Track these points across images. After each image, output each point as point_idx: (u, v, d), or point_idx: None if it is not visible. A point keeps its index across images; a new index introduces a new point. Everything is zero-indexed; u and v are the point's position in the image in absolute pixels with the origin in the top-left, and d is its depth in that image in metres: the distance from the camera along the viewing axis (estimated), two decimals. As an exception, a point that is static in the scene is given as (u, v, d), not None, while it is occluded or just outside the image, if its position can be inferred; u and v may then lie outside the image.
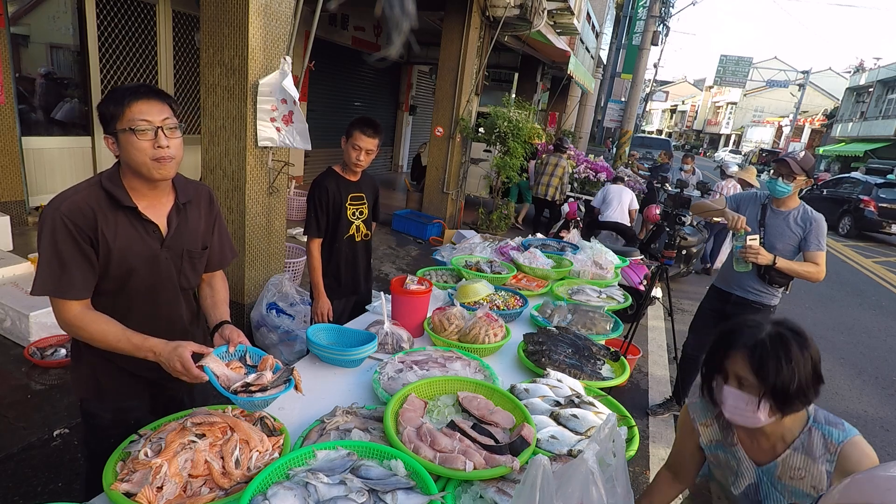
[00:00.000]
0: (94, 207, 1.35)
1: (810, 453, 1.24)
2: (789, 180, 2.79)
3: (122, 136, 1.34)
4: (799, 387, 1.16)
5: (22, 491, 2.22)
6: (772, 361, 1.16)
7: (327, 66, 8.62)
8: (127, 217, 1.40)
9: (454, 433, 1.41)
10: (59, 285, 1.32)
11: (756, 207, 3.02)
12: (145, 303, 1.48)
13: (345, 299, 2.82)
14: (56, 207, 1.32)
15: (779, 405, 1.19)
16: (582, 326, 2.40)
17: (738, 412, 1.24)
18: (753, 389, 1.20)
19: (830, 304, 7.20)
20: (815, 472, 1.23)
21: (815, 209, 2.93)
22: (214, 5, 3.30)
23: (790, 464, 1.27)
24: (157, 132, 1.35)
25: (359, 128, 2.47)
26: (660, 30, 16.93)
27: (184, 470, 1.18)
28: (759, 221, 2.97)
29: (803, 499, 1.27)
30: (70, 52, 5.32)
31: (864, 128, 25.56)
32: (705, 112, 56.10)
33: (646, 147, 18.71)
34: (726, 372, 1.25)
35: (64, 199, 1.34)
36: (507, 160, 7.13)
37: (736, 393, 1.22)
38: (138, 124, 1.33)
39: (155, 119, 1.35)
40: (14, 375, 2.94)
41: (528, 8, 6.56)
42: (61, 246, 1.31)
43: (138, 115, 1.33)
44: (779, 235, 2.90)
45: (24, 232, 4.78)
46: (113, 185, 1.39)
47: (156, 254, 1.45)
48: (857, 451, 1.21)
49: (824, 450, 1.22)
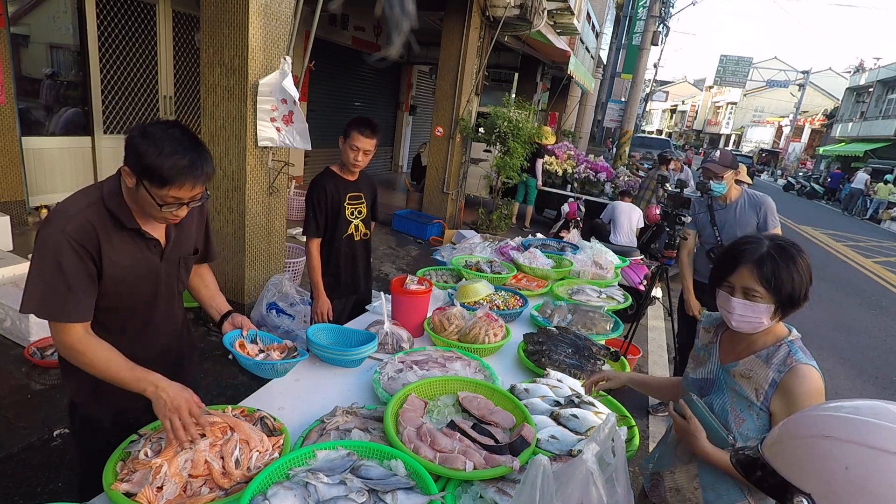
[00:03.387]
0: (98, 227, 1.30)
1: (769, 361, 1.33)
2: (719, 180, 3.07)
3: (145, 194, 1.27)
4: (802, 291, 1.28)
5: (22, 491, 2.22)
6: (783, 272, 1.27)
7: (327, 66, 8.62)
8: (130, 236, 1.37)
9: (454, 433, 1.41)
10: (64, 308, 1.27)
11: (704, 209, 3.25)
12: (143, 313, 1.49)
13: (344, 299, 2.82)
14: (61, 228, 1.25)
15: (784, 310, 1.31)
16: (582, 326, 2.40)
17: (744, 320, 1.34)
18: (765, 298, 1.29)
19: (830, 304, 7.20)
20: (763, 375, 1.32)
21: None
22: (214, 5, 3.30)
23: (748, 365, 1.36)
24: (179, 206, 1.31)
25: (356, 128, 2.47)
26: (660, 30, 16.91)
27: (184, 470, 1.18)
28: (711, 222, 3.19)
29: (741, 402, 1.35)
30: (70, 52, 5.32)
31: (864, 128, 25.54)
32: (705, 112, 56.07)
33: (646, 147, 18.71)
34: (732, 286, 1.34)
35: (68, 219, 1.27)
36: (507, 160, 7.13)
37: (744, 303, 1.32)
38: (169, 201, 1.27)
39: (185, 197, 1.29)
40: (14, 375, 2.94)
41: (528, 8, 6.56)
42: (66, 267, 1.25)
43: (174, 193, 1.27)
44: (734, 225, 3.11)
45: (24, 232, 4.78)
46: (117, 207, 1.33)
47: (157, 268, 1.45)
48: (808, 376, 1.27)
49: (781, 361, 1.31)
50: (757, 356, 1.35)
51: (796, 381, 1.27)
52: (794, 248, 1.32)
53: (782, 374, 1.29)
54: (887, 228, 16.93)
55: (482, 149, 8.35)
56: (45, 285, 1.26)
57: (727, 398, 1.38)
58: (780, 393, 1.29)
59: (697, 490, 1.43)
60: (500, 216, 7.71)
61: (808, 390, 1.26)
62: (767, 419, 1.31)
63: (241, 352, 1.57)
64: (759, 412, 1.32)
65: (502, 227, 7.70)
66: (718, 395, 1.41)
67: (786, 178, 28.37)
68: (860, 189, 19.64)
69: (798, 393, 1.26)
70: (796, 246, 1.32)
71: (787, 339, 1.36)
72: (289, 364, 1.60)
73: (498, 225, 7.67)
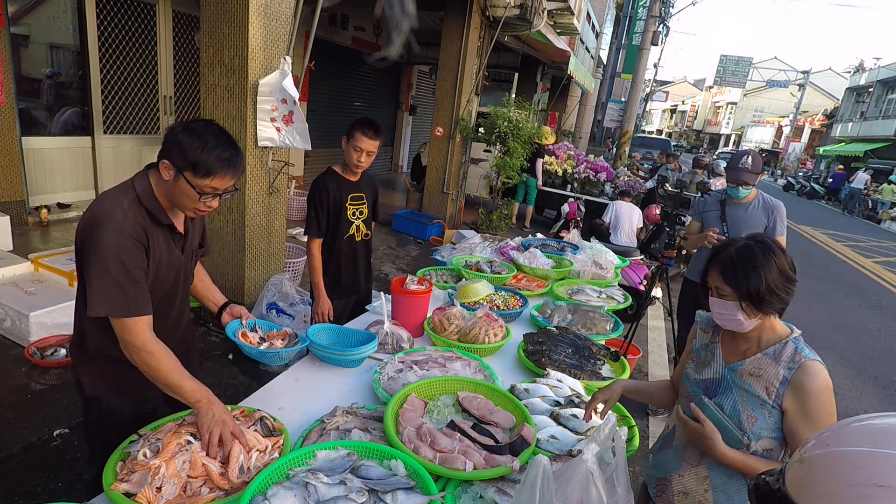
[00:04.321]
0: (144, 226, 1.38)
1: (777, 359, 1.34)
2: (749, 186, 3.05)
3: (185, 185, 1.36)
4: (769, 288, 1.31)
5: (22, 491, 2.22)
6: (739, 271, 1.33)
7: (327, 66, 8.62)
8: (163, 231, 1.46)
9: (454, 433, 1.41)
10: (136, 304, 1.33)
11: (716, 205, 3.22)
12: (166, 306, 1.54)
13: (345, 299, 2.82)
14: (118, 229, 1.32)
15: (755, 305, 1.33)
16: (582, 326, 2.40)
17: (722, 318, 1.41)
18: (731, 296, 1.35)
19: (830, 304, 7.20)
20: (773, 373, 1.33)
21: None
22: (214, 5, 3.30)
23: (756, 363, 1.37)
24: (214, 196, 1.40)
25: (360, 129, 2.47)
26: (660, 30, 16.92)
27: (182, 471, 1.18)
28: (720, 217, 3.16)
29: (752, 401, 1.36)
30: (70, 52, 5.32)
31: (864, 128, 25.53)
32: (705, 112, 56.06)
33: (646, 147, 18.70)
34: (710, 286, 1.43)
35: (122, 220, 1.33)
36: (507, 160, 7.13)
37: (718, 301, 1.40)
38: (207, 191, 1.37)
39: (222, 187, 1.39)
40: (14, 375, 2.94)
41: (528, 8, 6.56)
42: (131, 265, 1.33)
43: (214, 184, 1.37)
44: (743, 224, 3.07)
45: (24, 232, 4.78)
46: (152, 204, 1.41)
47: (180, 260, 1.53)
48: (818, 372, 1.29)
49: (790, 358, 1.33)
50: (764, 354, 1.36)
51: (807, 378, 1.28)
52: (762, 248, 1.34)
53: (793, 371, 1.30)
54: (887, 228, 16.93)
55: (482, 149, 8.35)
56: (115, 285, 1.31)
57: (737, 398, 1.38)
58: (791, 390, 1.30)
59: (708, 492, 1.43)
60: (500, 216, 7.71)
61: (819, 387, 1.28)
62: (780, 416, 1.32)
63: (244, 341, 1.64)
64: (772, 410, 1.32)
65: (502, 227, 7.70)
66: (727, 396, 1.40)
67: (786, 178, 28.38)
68: (860, 189, 19.70)
69: (809, 388, 1.28)
70: (764, 244, 1.35)
71: (791, 336, 1.37)
72: (292, 351, 1.68)
73: (498, 225, 7.67)
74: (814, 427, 1.26)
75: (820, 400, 1.27)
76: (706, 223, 3.25)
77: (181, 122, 1.38)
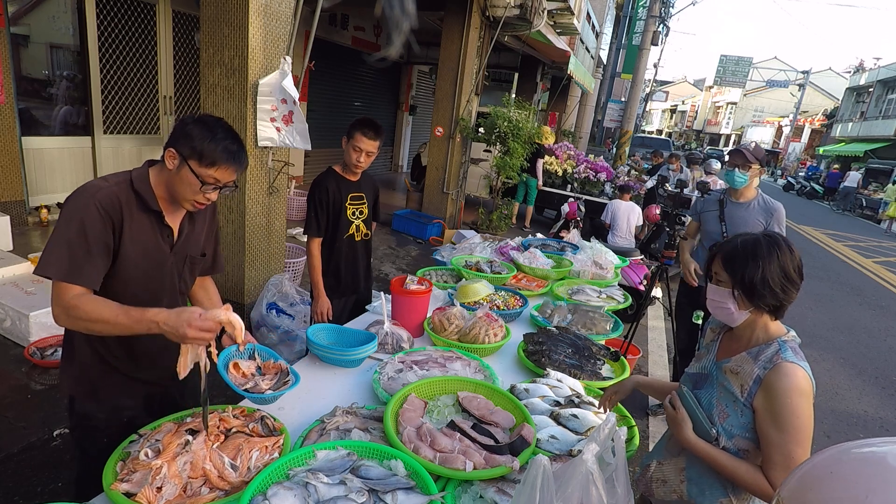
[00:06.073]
0: (123, 203, 1.37)
1: (756, 358, 1.34)
2: (745, 170, 2.99)
3: (188, 174, 1.37)
4: (763, 279, 1.30)
5: (22, 491, 2.22)
6: (739, 258, 1.35)
7: (327, 66, 8.62)
8: (149, 219, 1.43)
9: (454, 433, 1.41)
10: (76, 270, 1.28)
11: (715, 204, 3.20)
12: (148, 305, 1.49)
13: (345, 299, 2.82)
14: (92, 194, 1.32)
15: (746, 296, 1.34)
16: (582, 326, 2.40)
17: (713, 305, 1.42)
18: (726, 283, 1.37)
19: (830, 304, 7.20)
20: (749, 372, 1.33)
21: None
22: (214, 5, 3.29)
23: (738, 361, 1.38)
24: (215, 188, 1.41)
25: (360, 129, 2.47)
26: (660, 30, 16.91)
27: (183, 472, 1.18)
28: (719, 217, 3.13)
29: (727, 397, 1.37)
30: (70, 52, 5.32)
31: (864, 128, 25.52)
32: (705, 112, 56.03)
33: (646, 147, 18.68)
34: (711, 274, 1.44)
35: (99, 189, 1.33)
36: (507, 160, 7.13)
37: (713, 287, 1.41)
38: (210, 180, 1.38)
39: (223, 180, 1.41)
40: (14, 375, 2.94)
41: (528, 8, 6.56)
42: (90, 231, 1.30)
43: (217, 174, 1.38)
44: (742, 225, 3.03)
45: (24, 232, 4.78)
46: (143, 188, 1.40)
47: (165, 258, 1.49)
48: (791, 374, 1.26)
49: (768, 359, 1.32)
50: (748, 353, 1.36)
51: (776, 378, 1.27)
52: (769, 241, 1.34)
53: (766, 371, 1.29)
54: (887, 228, 16.92)
55: (482, 149, 8.35)
56: (66, 246, 1.28)
57: (715, 392, 1.40)
58: (762, 389, 1.29)
59: (683, 483, 1.45)
60: (500, 216, 7.71)
61: (787, 387, 1.25)
62: (751, 416, 1.32)
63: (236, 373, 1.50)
64: (744, 408, 1.33)
65: (502, 227, 7.70)
66: (708, 390, 1.43)
67: (786, 178, 28.37)
68: (853, 187, 20.30)
69: (778, 389, 1.26)
70: (775, 241, 1.34)
71: (780, 338, 1.35)
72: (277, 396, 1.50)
73: (498, 225, 7.66)
74: (780, 430, 1.24)
75: (787, 402, 1.24)
76: (705, 223, 3.25)
77: (192, 114, 1.39)
